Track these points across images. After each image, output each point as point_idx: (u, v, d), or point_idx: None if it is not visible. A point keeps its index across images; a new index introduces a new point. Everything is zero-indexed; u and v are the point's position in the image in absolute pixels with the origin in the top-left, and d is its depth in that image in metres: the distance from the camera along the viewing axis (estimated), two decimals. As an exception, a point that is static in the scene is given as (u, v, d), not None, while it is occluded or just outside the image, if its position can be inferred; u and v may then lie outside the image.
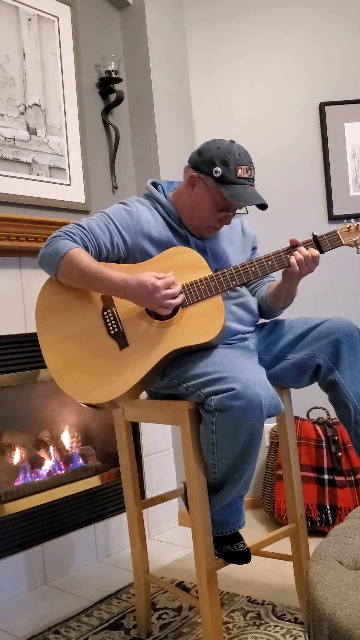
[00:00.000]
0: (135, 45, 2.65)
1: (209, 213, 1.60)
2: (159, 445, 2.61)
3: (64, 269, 1.51)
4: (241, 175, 1.54)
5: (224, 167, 1.53)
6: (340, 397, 1.60)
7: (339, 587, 1.00)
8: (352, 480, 2.35)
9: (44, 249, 1.55)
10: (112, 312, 1.54)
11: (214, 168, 1.54)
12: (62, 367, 1.53)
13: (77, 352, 1.53)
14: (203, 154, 1.58)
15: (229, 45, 2.79)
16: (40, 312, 1.58)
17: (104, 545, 2.37)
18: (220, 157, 1.54)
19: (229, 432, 1.39)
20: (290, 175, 2.79)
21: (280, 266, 1.58)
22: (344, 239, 1.57)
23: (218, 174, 1.54)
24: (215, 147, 1.57)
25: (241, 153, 1.56)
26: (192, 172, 1.60)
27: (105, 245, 1.58)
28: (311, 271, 1.58)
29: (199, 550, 1.49)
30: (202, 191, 1.59)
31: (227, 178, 1.54)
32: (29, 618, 1.91)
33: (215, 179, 1.55)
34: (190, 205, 1.62)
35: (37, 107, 2.26)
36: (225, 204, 1.58)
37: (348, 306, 2.73)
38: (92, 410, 2.49)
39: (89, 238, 1.55)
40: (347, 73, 2.80)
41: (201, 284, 1.53)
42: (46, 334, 1.56)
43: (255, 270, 1.56)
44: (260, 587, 1.97)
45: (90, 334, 1.53)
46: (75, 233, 1.55)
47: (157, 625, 1.79)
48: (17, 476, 2.22)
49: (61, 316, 1.56)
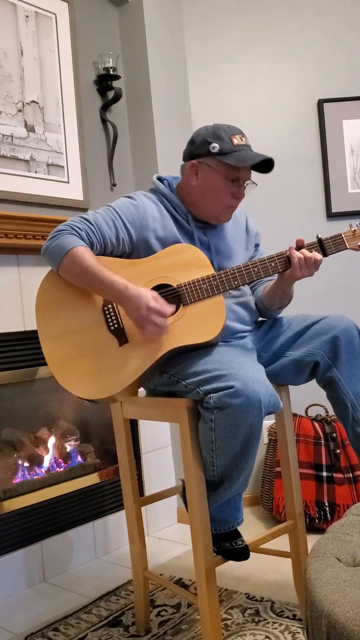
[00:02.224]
0: (133, 42, 2.65)
1: (221, 191, 1.60)
2: (157, 442, 2.61)
3: (67, 266, 1.50)
4: (237, 143, 1.58)
5: (219, 141, 1.57)
6: (338, 394, 1.60)
7: (337, 584, 1.00)
8: (350, 477, 2.35)
9: (48, 241, 1.54)
10: (113, 308, 1.53)
11: (210, 145, 1.58)
12: (61, 361, 1.52)
13: (76, 347, 1.52)
14: (195, 140, 1.62)
15: (227, 42, 2.79)
16: (41, 305, 1.57)
17: (103, 542, 2.37)
18: (211, 134, 1.59)
19: (228, 429, 1.39)
20: (288, 172, 2.79)
21: (284, 268, 1.57)
22: (349, 242, 1.57)
23: (216, 148, 1.57)
24: (203, 130, 1.62)
25: (230, 126, 1.61)
26: (191, 162, 1.61)
27: (110, 240, 1.57)
28: (310, 275, 1.57)
29: (197, 548, 1.49)
30: (207, 173, 1.60)
31: (225, 149, 1.56)
32: (27, 615, 1.91)
33: (215, 155, 1.57)
34: (200, 193, 1.62)
35: (35, 104, 2.26)
36: (233, 173, 1.58)
37: (347, 304, 2.73)
38: (91, 408, 2.49)
39: (95, 233, 1.55)
40: (345, 70, 2.80)
41: (203, 283, 1.52)
42: (46, 327, 1.55)
43: (257, 270, 1.56)
44: (258, 583, 1.98)
45: (90, 328, 1.53)
46: (81, 228, 1.54)
47: (155, 622, 1.80)
48: (16, 474, 2.22)
49: (61, 310, 1.55)
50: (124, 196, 1.66)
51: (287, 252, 1.57)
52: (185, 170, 1.64)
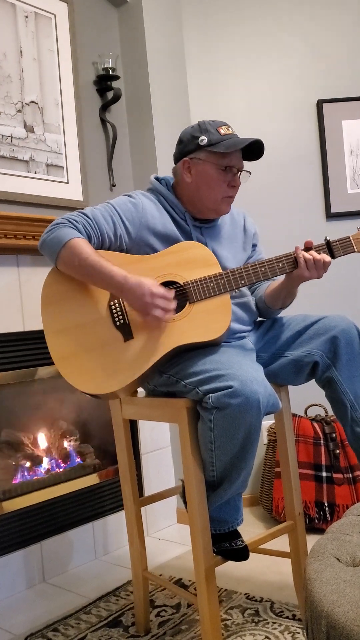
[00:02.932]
0: (133, 43, 2.65)
1: (215, 181, 1.60)
2: (157, 443, 2.61)
3: (65, 258, 1.50)
4: (225, 133, 1.59)
5: (207, 133, 1.59)
6: (338, 394, 1.60)
7: (337, 584, 1.00)
8: (349, 477, 2.35)
9: (45, 234, 1.54)
10: (118, 303, 1.53)
11: (198, 139, 1.59)
12: (66, 355, 1.52)
13: (81, 341, 1.52)
14: (182, 139, 1.65)
15: (227, 42, 2.79)
16: (46, 299, 1.56)
17: (103, 543, 2.37)
18: (197, 129, 1.61)
19: (227, 429, 1.39)
20: (287, 173, 2.79)
21: (291, 269, 1.57)
22: (357, 245, 1.56)
23: (204, 141, 1.58)
24: (189, 128, 1.65)
25: (214, 120, 1.63)
26: (182, 160, 1.62)
27: (108, 236, 1.57)
28: (319, 277, 1.57)
29: (197, 548, 1.49)
30: (199, 167, 1.60)
31: (214, 139, 1.58)
32: (27, 616, 1.91)
33: (204, 147, 1.58)
34: (195, 188, 1.62)
35: (35, 104, 2.26)
36: (225, 161, 1.58)
37: (346, 304, 2.73)
38: (90, 408, 2.49)
39: (93, 227, 1.55)
40: (344, 70, 2.80)
41: (210, 281, 1.52)
42: (51, 321, 1.54)
43: (265, 271, 1.55)
44: (258, 584, 1.98)
45: (95, 323, 1.52)
46: (78, 221, 1.54)
47: (155, 622, 1.80)
48: (16, 474, 2.22)
49: (67, 304, 1.55)
50: (123, 195, 1.66)
51: (294, 253, 1.57)
52: (178, 171, 1.65)
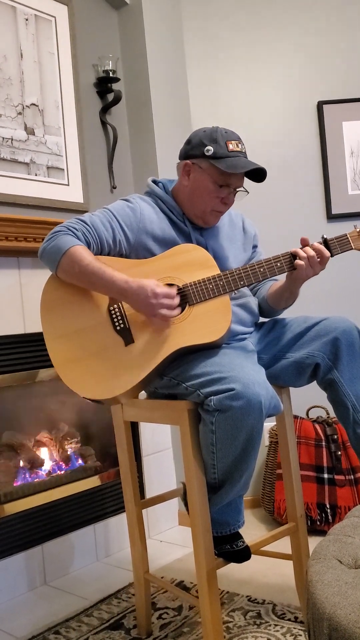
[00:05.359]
0: (133, 45, 2.65)
1: (208, 194, 1.59)
2: (158, 445, 2.61)
3: (65, 266, 1.50)
4: (232, 149, 1.56)
5: (215, 144, 1.56)
6: (339, 396, 1.60)
7: (339, 586, 1.00)
8: (351, 479, 2.35)
9: (45, 243, 1.54)
10: (118, 308, 1.53)
11: (204, 148, 1.57)
12: (67, 361, 1.52)
13: (82, 347, 1.52)
14: (192, 140, 1.62)
15: (227, 44, 2.79)
16: (46, 305, 1.56)
17: (104, 545, 2.37)
18: (208, 137, 1.58)
19: (229, 432, 1.38)
20: (288, 174, 2.79)
21: (289, 268, 1.57)
22: (354, 243, 1.57)
23: (210, 151, 1.56)
24: (201, 131, 1.61)
25: (228, 131, 1.59)
26: (185, 162, 1.61)
27: (107, 242, 1.57)
28: (316, 274, 1.57)
29: (198, 550, 1.49)
30: (198, 174, 1.60)
31: (219, 153, 1.55)
32: (28, 618, 1.91)
33: (208, 158, 1.56)
34: (189, 192, 1.62)
35: (35, 107, 2.26)
36: (222, 179, 1.57)
37: (347, 305, 2.72)
38: (92, 411, 2.49)
39: (92, 234, 1.55)
40: (345, 72, 2.80)
41: (209, 283, 1.52)
42: (51, 327, 1.55)
43: (263, 271, 1.56)
44: (260, 586, 1.97)
45: (95, 328, 1.53)
46: (77, 229, 1.54)
47: (157, 625, 1.79)
48: (17, 476, 2.22)
49: (67, 310, 1.55)
50: (121, 199, 1.67)
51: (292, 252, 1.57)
52: (179, 170, 1.65)
